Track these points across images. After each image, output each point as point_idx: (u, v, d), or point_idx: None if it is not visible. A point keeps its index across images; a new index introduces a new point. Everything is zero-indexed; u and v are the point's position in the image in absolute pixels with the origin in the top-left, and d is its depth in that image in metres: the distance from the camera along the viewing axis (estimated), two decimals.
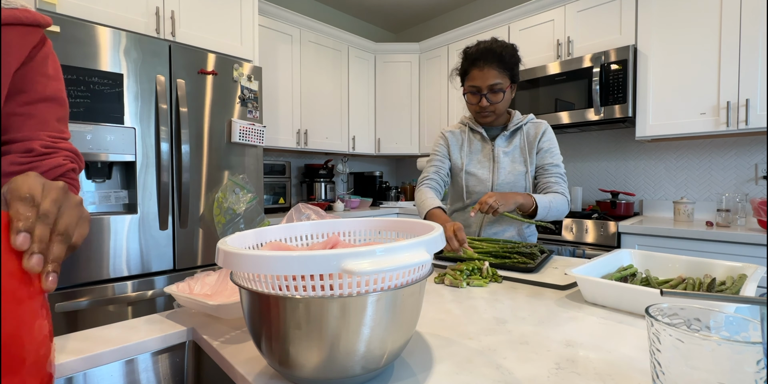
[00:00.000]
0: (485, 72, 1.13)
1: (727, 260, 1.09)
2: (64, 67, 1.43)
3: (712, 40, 1.83)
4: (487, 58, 1.13)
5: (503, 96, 1.16)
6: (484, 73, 1.14)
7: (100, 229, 1.51)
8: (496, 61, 1.13)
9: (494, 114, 1.20)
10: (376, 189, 3.36)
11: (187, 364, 0.65)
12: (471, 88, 1.18)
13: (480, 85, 1.15)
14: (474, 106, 1.21)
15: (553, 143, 1.23)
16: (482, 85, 1.15)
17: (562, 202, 1.15)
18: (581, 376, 0.46)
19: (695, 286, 0.75)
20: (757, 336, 0.34)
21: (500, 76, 1.14)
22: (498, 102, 1.16)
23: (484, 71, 1.13)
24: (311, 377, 0.42)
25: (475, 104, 1.19)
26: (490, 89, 1.15)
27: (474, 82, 1.16)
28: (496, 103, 1.17)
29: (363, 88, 3.18)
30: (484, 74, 1.14)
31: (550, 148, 1.22)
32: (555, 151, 1.23)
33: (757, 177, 1.96)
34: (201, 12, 1.91)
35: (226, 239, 0.48)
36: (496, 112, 1.19)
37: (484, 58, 1.13)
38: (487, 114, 1.20)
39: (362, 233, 0.63)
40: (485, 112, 1.19)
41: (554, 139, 1.24)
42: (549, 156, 1.22)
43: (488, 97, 1.16)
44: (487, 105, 1.17)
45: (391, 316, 0.41)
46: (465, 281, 0.85)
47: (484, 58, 1.13)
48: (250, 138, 1.95)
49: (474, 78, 1.16)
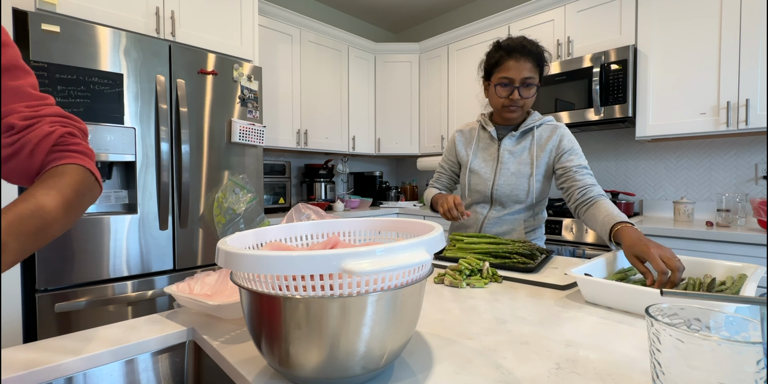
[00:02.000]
0: (521, 64, 1.08)
1: (727, 260, 1.09)
2: (65, 67, 1.43)
3: (712, 40, 1.83)
4: (524, 50, 1.09)
5: (534, 92, 1.12)
6: (520, 65, 1.08)
7: (100, 229, 1.51)
8: (533, 56, 1.09)
9: (521, 109, 1.15)
10: (376, 189, 3.36)
11: (187, 364, 0.65)
12: (503, 80, 1.11)
13: (514, 77, 1.09)
14: (503, 100, 1.14)
15: (576, 144, 1.17)
16: (516, 77, 1.09)
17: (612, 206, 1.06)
18: (581, 376, 0.46)
19: (695, 286, 0.75)
20: (757, 336, 0.34)
21: (534, 71, 1.10)
22: (529, 97, 1.12)
23: (520, 63, 1.08)
24: (311, 377, 0.42)
25: (505, 97, 1.13)
26: (523, 82, 1.10)
27: (508, 72, 1.10)
28: (526, 98, 1.12)
29: (363, 88, 3.18)
30: (520, 66, 1.08)
31: (573, 148, 1.16)
32: (579, 152, 1.16)
33: (757, 177, 1.96)
34: (201, 12, 1.92)
35: (226, 239, 0.48)
36: (523, 107, 1.15)
37: (521, 50, 1.09)
38: (515, 108, 1.14)
39: (362, 233, 0.63)
40: (514, 106, 1.13)
41: (575, 140, 1.18)
42: (576, 157, 1.15)
43: (521, 91, 1.10)
44: (518, 98, 1.11)
45: (391, 316, 0.41)
46: (465, 281, 0.85)
47: (521, 50, 1.09)
48: (250, 138, 1.95)
49: (508, 69, 1.10)
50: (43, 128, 0.51)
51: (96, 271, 1.51)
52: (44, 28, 1.40)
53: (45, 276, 1.40)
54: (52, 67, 1.41)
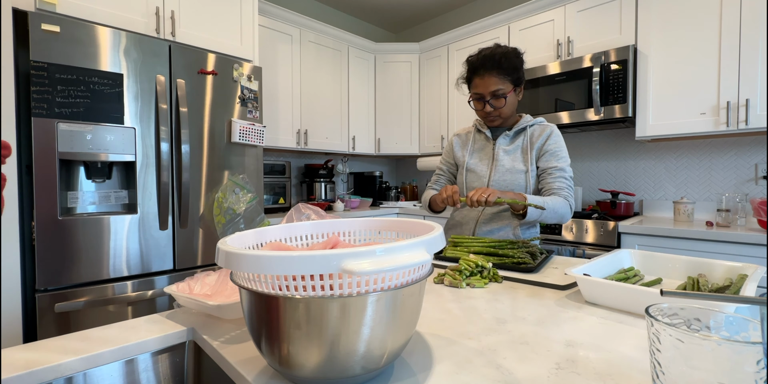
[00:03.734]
0: (486, 79, 1.18)
1: (727, 260, 1.09)
2: (65, 67, 1.43)
3: (712, 40, 1.83)
4: (486, 65, 1.17)
5: (506, 101, 1.19)
6: (485, 81, 1.18)
7: (100, 229, 1.51)
8: (496, 68, 1.16)
9: (500, 117, 1.24)
10: (376, 189, 3.36)
11: (187, 364, 0.65)
12: (475, 95, 1.23)
13: (482, 92, 1.20)
14: (480, 112, 1.25)
15: (560, 146, 1.22)
16: (484, 91, 1.19)
17: (561, 204, 1.13)
18: (581, 376, 0.46)
19: (694, 286, 0.75)
20: (757, 336, 0.34)
21: (501, 82, 1.17)
22: (501, 107, 1.20)
23: (485, 79, 1.18)
24: (311, 377, 0.42)
25: (481, 110, 1.24)
26: (493, 95, 1.19)
27: (477, 89, 1.21)
28: (499, 108, 1.21)
29: (363, 88, 3.18)
30: (485, 82, 1.18)
31: (555, 150, 1.21)
32: (561, 154, 1.21)
33: (757, 177, 1.96)
34: (201, 12, 1.91)
35: (226, 239, 0.48)
36: (501, 115, 1.23)
37: (483, 66, 1.18)
38: (493, 118, 1.24)
39: (362, 233, 0.63)
40: (491, 116, 1.24)
41: (561, 142, 1.22)
42: (554, 159, 1.20)
43: (491, 103, 1.20)
44: (491, 110, 1.21)
45: (391, 316, 0.41)
46: (465, 281, 0.85)
47: (484, 66, 1.18)
48: (250, 138, 1.95)
49: (476, 85, 1.21)
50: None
51: (96, 271, 1.51)
52: (44, 28, 1.40)
53: (45, 276, 1.40)
54: (52, 67, 1.41)
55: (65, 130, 1.44)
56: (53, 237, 1.42)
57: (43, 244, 1.40)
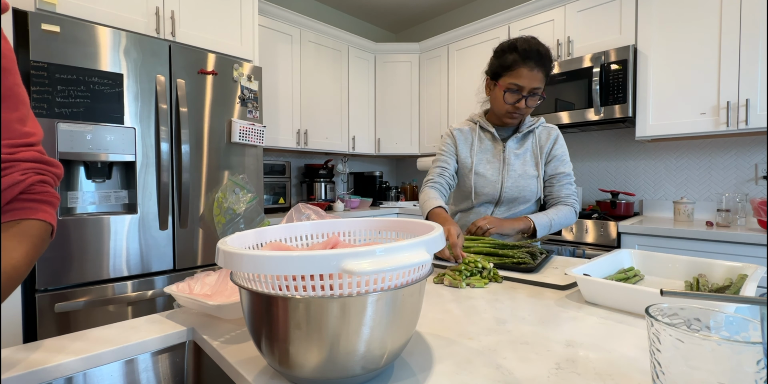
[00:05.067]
0: (534, 74, 1.05)
1: (727, 260, 1.09)
2: (65, 67, 1.43)
3: (712, 40, 1.83)
4: (539, 59, 1.05)
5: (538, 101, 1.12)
6: (533, 75, 1.05)
7: (99, 229, 1.51)
8: (545, 66, 1.07)
9: (521, 117, 1.16)
10: (376, 189, 3.36)
11: (187, 364, 0.65)
12: (512, 86, 1.07)
13: (525, 85, 1.07)
14: (508, 106, 1.11)
15: (565, 151, 1.21)
16: (527, 85, 1.06)
17: (568, 215, 1.13)
18: (581, 376, 0.46)
19: (694, 286, 0.75)
20: (757, 336, 0.34)
21: (543, 81, 1.09)
22: (533, 107, 1.12)
23: (534, 72, 1.05)
24: (311, 377, 0.42)
25: (511, 104, 1.10)
26: (532, 92, 1.08)
27: (519, 80, 1.06)
28: (530, 108, 1.12)
29: (363, 88, 3.18)
30: (533, 75, 1.06)
31: (561, 155, 1.19)
32: (566, 159, 1.20)
33: (757, 177, 1.96)
34: (201, 12, 1.91)
35: (226, 239, 0.48)
36: (524, 115, 1.15)
37: (537, 59, 1.05)
38: (517, 115, 1.14)
39: (362, 233, 0.63)
40: (517, 113, 1.13)
41: (565, 146, 1.22)
42: (561, 165, 1.19)
43: (528, 101, 1.09)
44: (524, 107, 1.10)
45: (391, 316, 0.41)
46: (465, 282, 0.85)
47: (537, 58, 1.05)
48: (250, 138, 1.95)
49: (520, 76, 1.06)
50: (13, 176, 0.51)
51: (96, 271, 1.51)
52: (44, 28, 1.40)
53: (45, 276, 1.40)
54: (52, 67, 1.41)
55: (65, 130, 1.44)
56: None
57: None
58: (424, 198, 1.20)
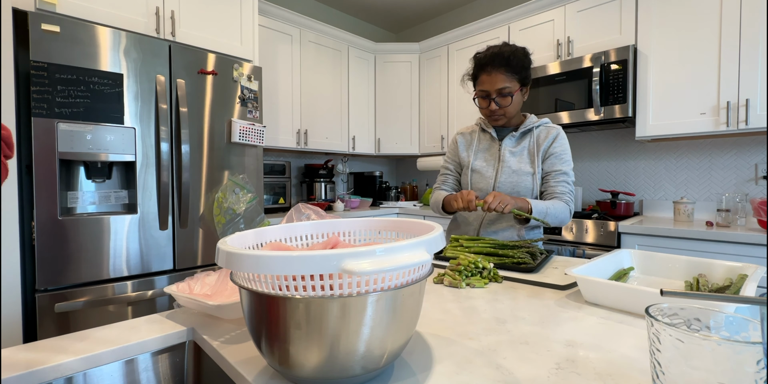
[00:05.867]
0: (493, 76, 1.15)
1: (727, 260, 1.09)
2: (65, 67, 1.43)
3: (712, 40, 1.83)
4: (494, 62, 1.14)
5: (512, 99, 1.17)
6: (492, 78, 1.15)
7: (100, 229, 1.51)
8: (504, 66, 1.14)
9: (504, 117, 1.21)
10: (376, 189, 3.36)
11: (187, 364, 0.65)
12: (481, 93, 1.20)
13: (488, 90, 1.17)
14: (485, 110, 1.22)
15: (565, 149, 1.22)
16: (490, 89, 1.16)
17: (562, 209, 1.14)
18: (581, 376, 0.46)
19: (694, 286, 0.75)
20: (757, 336, 0.34)
21: (508, 80, 1.15)
22: (507, 106, 1.18)
23: (492, 76, 1.15)
24: (311, 377, 0.42)
25: (486, 108, 1.21)
26: (499, 93, 1.16)
27: (483, 86, 1.18)
28: (505, 107, 1.18)
29: (363, 88, 3.18)
30: (492, 79, 1.15)
31: (560, 154, 1.21)
32: (565, 157, 1.21)
33: (757, 177, 1.96)
34: (201, 12, 1.91)
35: (226, 239, 0.48)
36: (506, 115, 1.21)
37: (491, 63, 1.15)
38: (497, 117, 1.21)
39: (362, 233, 0.63)
40: (495, 115, 1.21)
41: (567, 145, 1.23)
42: (558, 162, 1.20)
43: (497, 101, 1.17)
44: (497, 108, 1.19)
45: (391, 316, 0.41)
46: (465, 282, 0.85)
47: (492, 62, 1.15)
48: (250, 138, 1.95)
49: (483, 82, 1.18)
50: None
51: (96, 271, 1.51)
52: (44, 28, 1.40)
53: (45, 276, 1.40)
54: (52, 67, 1.41)
55: (65, 130, 1.44)
56: (53, 237, 1.42)
57: (43, 244, 1.40)
58: (435, 198, 1.33)
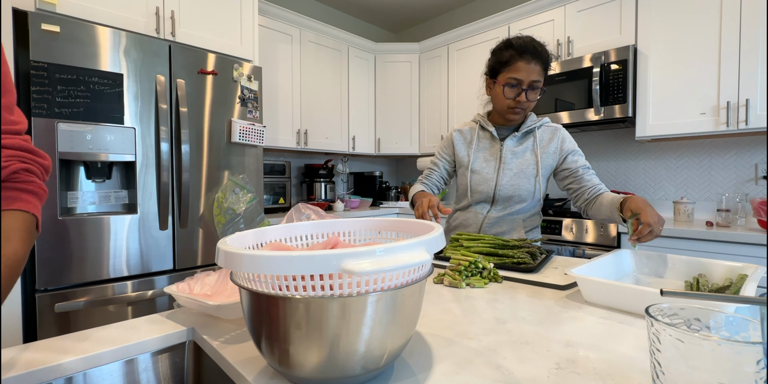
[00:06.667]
0: (532, 67, 1.07)
1: (727, 260, 1.09)
2: (65, 67, 1.43)
3: (712, 40, 1.83)
4: (535, 52, 1.08)
5: (539, 95, 1.12)
6: (531, 68, 1.07)
7: (100, 229, 1.51)
8: (542, 59, 1.09)
9: (524, 112, 1.16)
10: (376, 189, 3.36)
11: (187, 364, 0.65)
12: (511, 80, 1.10)
13: (523, 79, 1.08)
14: (509, 101, 1.13)
15: (576, 145, 1.21)
16: (526, 78, 1.08)
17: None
18: (581, 376, 0.46)
19: (694, 286, 0.75)
20: (757, 336, 0.34)
21: (541, 74, 1.10)
22: (534, 100, 1.13)
23: (531, 65, 1.07)
24: (311, 377, 0.42)
25: (512, 98, 1.12)
26: (531, 85, 1.09)
27: (518, 74, 1.08)
28: (532, 101, 1.12)
29: (363, 88, 3.18)
30: (531, 69, 1.08)
31: (575, 149, 1.19)
32: (581, 152, 1.20)
33: (757, 177, 1.96)
34: (201, 12, 1.91)
35: (226, 239, 0.48)
36: (526, 110, 1.15)
37: (532, 52, 1.07)
38: (519, 110, 1.14)
39: (362, 233, 0.63)
40: (519, 107, 1.13)
41: (574, 141, 1.22)
42: (580, 158, 1.18)
43: (528, 94, 1.10)
44: (524, 100, 1.11)
45: (391, 316, 0.41)
46: (465, 282, 0.85)
47: (533, 52, 1.07)
48: (250, 138, 1.95)
49: (518, 70, 1.08)
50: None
51: (96, 271, 1.51)
52: (44, 28, 1.40)
53: (45, 276, 1.40)
54: (52, 67, 1.41)
55: (65, 130, 1.44)
56: (53, 237, 1.42)
57: (43, 244, 1.40)
58: (411, 191, 1.29)
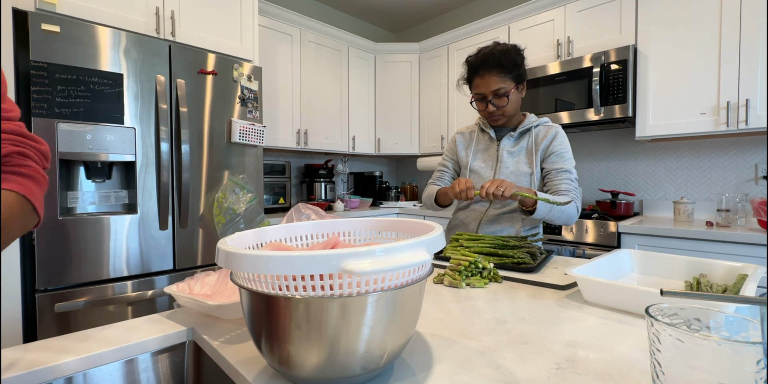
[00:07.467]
0: (486, 79, 1.15)
1: (727, 260, 1.09)
2: (65, 67, 1.43)
3: (712, 40, 1.83)
4: (486, 65, 1.15)
5: (508, 99, 1.17)
6: (486, 80, 1.16)
7: (100, 229, 1.51)
8: (496, 67, 1.14)
9: (504, 117, 1.21)
10: (376, 189, 3.36)
11: (187, 364, 0.65)
12: (477, 96, 1.20)
13: (484, 92, 1.17)
14: (483, 112, 1.23)
15: (565, 147, 1.21)
16: (486, 91, 1.17)
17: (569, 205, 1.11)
18: (581, 376, 0.46)
19: (694, 286, 0.75)
20: (757, 336, 0.34)
21: (502, 80, 1.15)
22: (504, 106, 1.18)
23: (485, 78, 1.16)
24: (311, 377, 0.42)
25: (483, 110, 1.21)
26: (494, 94, 1.16)
27: (478, 89, 1.19)
28: (502, 107, 1.18)
29: (363, 88, 3.18)
30: (486, 81, 1.16)
31: (561, 151, 1.20)
32: (566, 155, 1.20)
33: (757, 177, 1.96)
34: (201, 12, 1.91)
35: (226, 239, 0.48)
36: (505, 114, 1.21)
37: (483, 66, 1.16)
38: (496, 117, 1.22)
39: (362, 233, 0.63)
40: (494, 116, 1.21)
41: (567, 143, 1.22)
42: (560, 160, 1.19)
43: (493, 102, 1.18)
44: (494, 110, 1.19)
45: (391, 316, 0.41)
46: (465, 282, 0.85)
47: (484, 65, 1.15)
48: (250, 138, 1.95)
49: (477, 86, 1.19)
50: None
51: (96, 271, 1.51)
52: (44, 28, 1.40)
53: (45, 276, 1.40)
54: (52, 67, 1.41)
55: (65, 130, 1.44)
56: (53, 237, 1.42)
57: (43, 244, 1.40)
58: (428, 192, 1.34)
